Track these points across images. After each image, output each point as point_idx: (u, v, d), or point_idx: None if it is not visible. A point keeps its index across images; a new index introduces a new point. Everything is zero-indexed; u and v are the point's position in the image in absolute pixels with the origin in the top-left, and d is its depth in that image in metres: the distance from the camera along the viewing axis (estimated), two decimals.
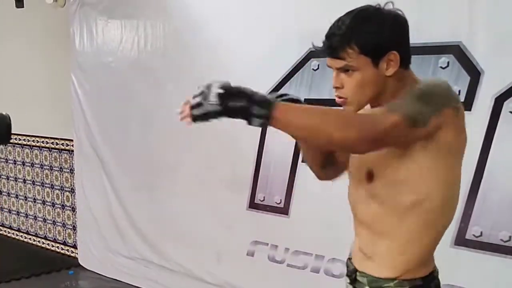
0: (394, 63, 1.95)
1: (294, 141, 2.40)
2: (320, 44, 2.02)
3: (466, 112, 3.39)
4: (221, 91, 1.77)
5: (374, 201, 2.05)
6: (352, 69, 1.94)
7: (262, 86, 4.46)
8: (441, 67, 3.57)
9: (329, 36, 1.97)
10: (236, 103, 1.77)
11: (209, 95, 1.78)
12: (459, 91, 3.49)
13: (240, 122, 4.42)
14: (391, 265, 2.05)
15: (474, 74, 3.46)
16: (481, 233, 3.48)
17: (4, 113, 1.56)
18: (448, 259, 3.57)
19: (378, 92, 1.98)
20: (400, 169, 1.97)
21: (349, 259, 2.22)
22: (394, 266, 2.04)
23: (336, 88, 1.99)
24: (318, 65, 4.13)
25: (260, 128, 4.38)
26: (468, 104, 3.47)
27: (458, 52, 3.51)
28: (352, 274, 2.17)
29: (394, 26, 1.99)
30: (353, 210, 2.18)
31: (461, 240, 3.53)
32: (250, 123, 1.80)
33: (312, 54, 4.12)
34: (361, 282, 2.12)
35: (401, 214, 2.01)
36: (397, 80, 1.98)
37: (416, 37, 3.63)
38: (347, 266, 2.23)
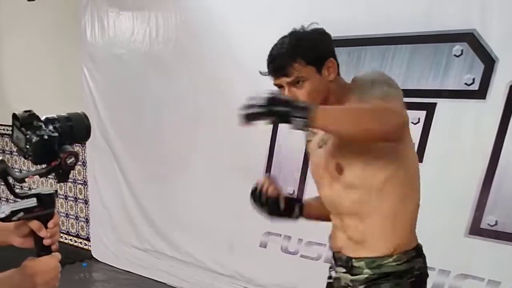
0: (333, 69, 2.21)
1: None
2: (265, 70, 2.27)
3: (480, 101, 3.46)
4: (268, 96, 1.99)
5: (351, 190, 2.23)
6: (302, 80, 2.18)
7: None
8: (454, 55, 3.55)
9: (275, 58, 2.22)
10: (281, 108, 1.97)
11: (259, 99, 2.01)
12: (473, 79, 3.47)
13: None
14: (385, 242, 2.23)
15: (488, 62, 3.43)
16: (496, 222, 3.46)
17: (80, 112, 1.64)
18: (463, 249, 3.58)
19: (325, 96, 2.21)
20: (368, 153, 2.18)
21: (337, 252, 2.39)
22: (388, 243, 2.22)
23: None
24: None
25: None
26: (483, 92, 3.46)
27: (472, 40, 3.48)
28: (348, 262, 2.31)
29: (324, 38, 2.26)
30: (333, 207, 2.36)
31: (475, 230, 3.52)
32: (292, 125, 1.99)
33: None
34: (358, 267, 2.27)
35: (379, 192, 2.19)
36: (336, 85, 2.23)
37: (428, 26, 3.66)
38: (338, 259, 2.38)
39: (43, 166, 1.60)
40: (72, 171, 1.63)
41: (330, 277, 2.48)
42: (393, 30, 3.80)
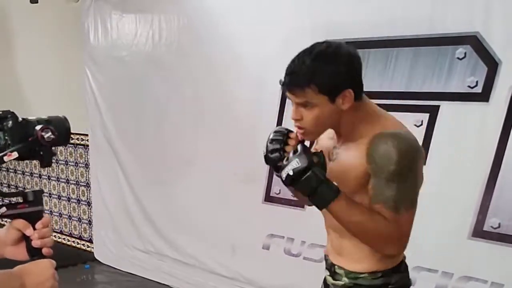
0: (348, 99, 2.09)
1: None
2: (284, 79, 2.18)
3: (483, 103, 3.46)
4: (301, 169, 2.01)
5: None
6: (311, 105, 2.09)
7: (275, 79, 4.46)
8: (458, 58, 3.55)
9: (291, 73, 2.14)
10: (309, 183, 2.02)
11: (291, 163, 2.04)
12: (477, 82, 3.47)
13: (254, 115, 4.38)
14: (360, 262, 2.24)
15: (492, 64, 3.43)
16: (499, 224, 3.45)
17: (61, 115, 1.63)
18: (466, 251, 3.57)
19: (335, 124, 2.17)
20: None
21: (326, 255, 2.42)
22: (362, 262, 2.23)
23: (296, 120, 2.16)
24: None
25: (276, 120, 4.39)
26: (486, 95, 3.45)
27: (475, 42, 3.48)
28: (331, 267, 2.35)
29: (349, 66, 2.11)
30: (324, 213, 2.30)
31: (478, 232, 3.51)
32: (311, 200, 2.08)
33: None
34: (339, 274, 2.31)
35: None
36: (353, 111, 2.12)
37: (432, 28, 3.66)
38: (326, 261, 2.42)
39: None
40: (74, 173, 1.62)
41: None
42: (396, 32, 3.79)
